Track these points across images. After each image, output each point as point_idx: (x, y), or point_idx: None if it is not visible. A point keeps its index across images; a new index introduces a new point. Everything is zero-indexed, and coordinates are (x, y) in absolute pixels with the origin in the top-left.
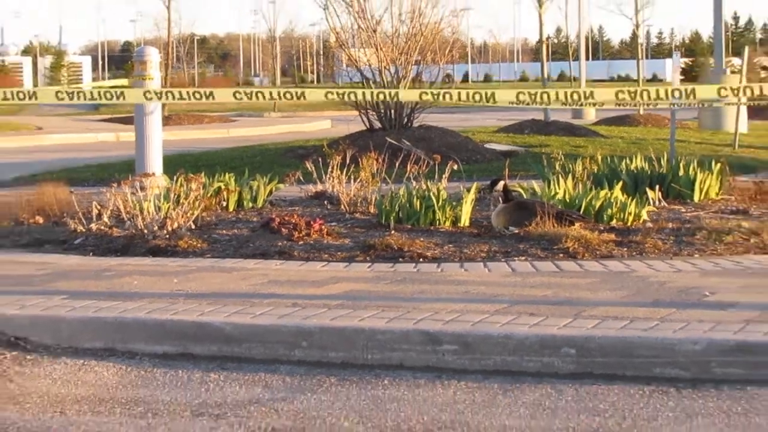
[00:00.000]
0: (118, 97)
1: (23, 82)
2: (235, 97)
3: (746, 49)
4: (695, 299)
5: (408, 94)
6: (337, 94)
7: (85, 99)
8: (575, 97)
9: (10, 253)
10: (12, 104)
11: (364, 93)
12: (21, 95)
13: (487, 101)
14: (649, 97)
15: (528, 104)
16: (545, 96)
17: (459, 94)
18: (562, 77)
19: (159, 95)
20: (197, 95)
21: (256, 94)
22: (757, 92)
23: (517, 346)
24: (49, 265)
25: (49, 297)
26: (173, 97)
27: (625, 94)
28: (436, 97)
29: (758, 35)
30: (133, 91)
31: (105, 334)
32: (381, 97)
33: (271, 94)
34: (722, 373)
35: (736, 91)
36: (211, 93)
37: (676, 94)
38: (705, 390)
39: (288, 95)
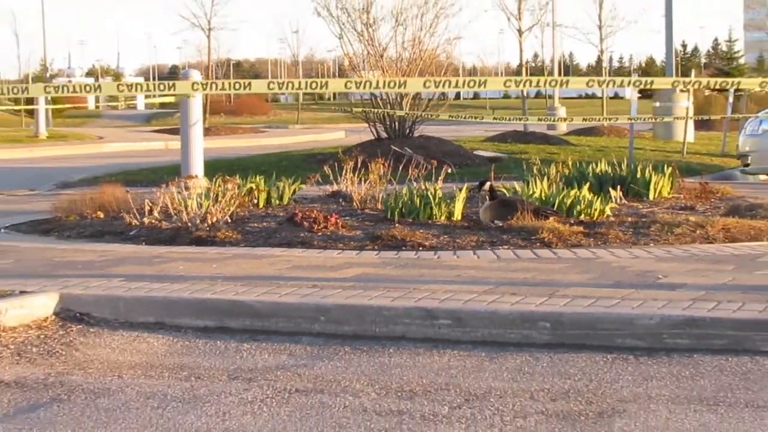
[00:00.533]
0: (169, 88)
1: (87, 99)
2: (269, 88)
3: (693, 71)
4: (650, 281)
5: (413, 85)
6: (356, 84)
7: (140, 91)
8: (552, 84)
9: (76, 243)
10: (77, 117)
11: (378, 82)
12: (88, 88)
13: (479, 87)
14: (614, 85)
15: (513, 89)
16: (528, 83)
17: (457, 82)
18: (538, 95)
19: (204, 86)
20: (237, 86)
21: (287, 84)
22: (704, 84)
23: (502, 321)
24: (108, 253)
25: (108, 279)
26: (216, 88)
27: (594, 83)
28: (438, 85)
29: (703, 60)
30: (181, 84)
31: (155, 310)
32: (392, 86)
33: (300, 84)
34: (673, 343)
35: (687, 84)
36: (249, 84)
37: (638, 84)
38: (658, 357)
39: (314, 84)
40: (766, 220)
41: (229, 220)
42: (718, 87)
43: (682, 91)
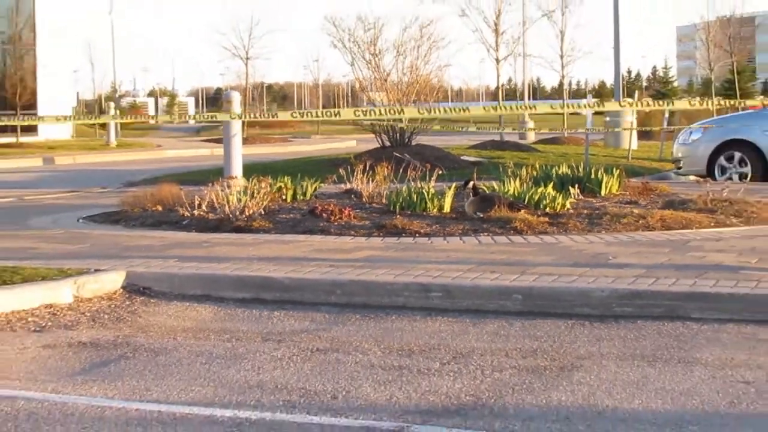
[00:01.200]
0: (212, 118)
1: (149, 115)
2: (292, 116)
3: (636, 93)
4: (602, 261)
5: (409, 112)
6: (362, 112)
7: (194, 119)
8: (522, 108)
9: (140, 230)
10: (140, 129)
11: (380, 110)
12: (152, 119)
13: (463, 112)
14: (572, 108)
15: (492, 114)
16: (503, 108)
17: (444, 110)
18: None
19: (240, 116)
20: (267, 115)
21: (306, 113)
22: (646, 104)
23: (483, 293)
24: (165, 239)
25: (165, 260)
26: (251, 116)
27: (556, 107)
28: (429, 111)
29: (644, 83)
30: (221, 114)
31: (203, 285)
32: (393, 113)
33: (316, 113)
34: (620, 311)
35: (631, 104)
36: (275, 114)
37: (591, 105)
38: (608, 323)
39: (328, 114)
40: (694, 212)
41: (263, 212)
42: (656, 107)
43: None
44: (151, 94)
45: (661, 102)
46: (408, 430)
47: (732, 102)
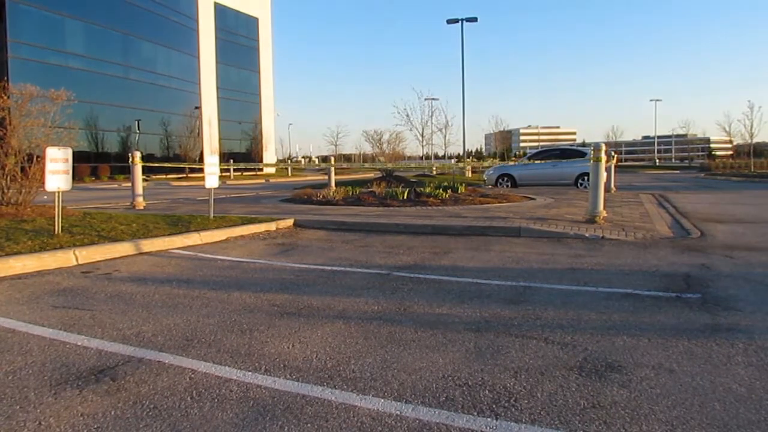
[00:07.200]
0: (322, 165)
1: (302, 163)
2: (350, 165)
3: (470, 157)
4: (459, 215)
5: (391, 165)
6: (376, 165)
7: (318, 164)
8: (432, 164)
9: (297, 205)
10: (299, 170)
11: (382, 165)
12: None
13: (411, 165)
14: (449, 165)
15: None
16: (426, 165)
17: (404, 164)
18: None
19: (333, 164)
20: (343, 165)
21: (354, 164)
22: (474, 161)
23: (417, 226)
24: (307, 207)
25: (307, 214)
26: (337, 165)
27: (444, 163)
28: (398, 165)
29: (474, 154)
30: (328, 164)
31: (320, 223)
32: (387, 165)
33: (360, 165)
34: (465, 232)
35: (469, 162)
36: (344, 164)
37: (455, 161)
38: (462, 236)
39: (363, 165)
40: (491, 198)
41: (341, 198)
42: (478, 162)
43: (467, 163)
44: (302, 156)
45: (480, 160)
46: (392, 273)
47: (504, 161)
